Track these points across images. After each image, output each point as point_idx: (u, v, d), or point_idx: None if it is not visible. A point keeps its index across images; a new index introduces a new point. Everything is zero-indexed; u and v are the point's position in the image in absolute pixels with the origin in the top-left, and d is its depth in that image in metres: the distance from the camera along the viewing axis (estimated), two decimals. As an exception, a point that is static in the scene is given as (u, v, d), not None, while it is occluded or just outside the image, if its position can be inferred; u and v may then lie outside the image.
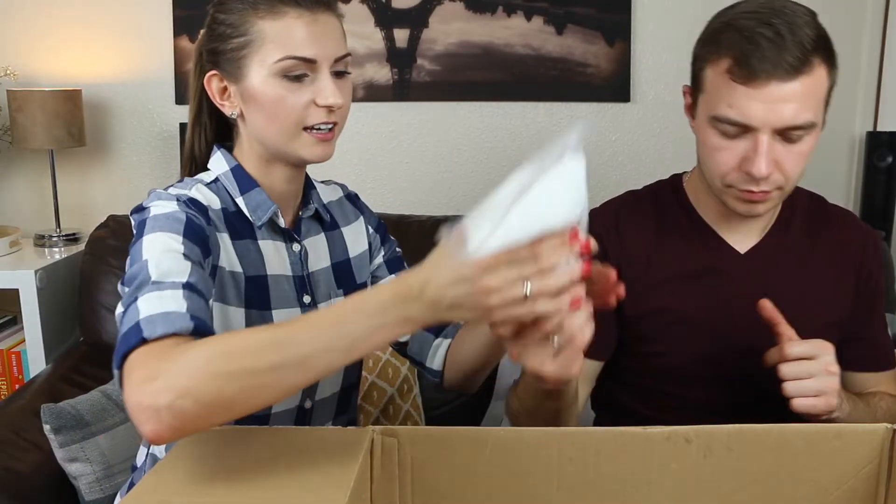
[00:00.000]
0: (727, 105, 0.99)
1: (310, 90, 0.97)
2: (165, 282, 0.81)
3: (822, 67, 0.99)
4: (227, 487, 0.67)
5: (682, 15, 2.12)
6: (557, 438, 0.84)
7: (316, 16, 0.96)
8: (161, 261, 0.84)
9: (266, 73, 0.96)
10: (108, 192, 2.23)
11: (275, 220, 1.04)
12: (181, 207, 0.93)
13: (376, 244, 1.20)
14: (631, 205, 1.20)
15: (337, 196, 1.19)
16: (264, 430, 0.84)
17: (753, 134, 0.99)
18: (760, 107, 0.97)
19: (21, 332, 1.97)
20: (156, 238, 0.88)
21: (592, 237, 0.76)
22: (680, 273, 1.13)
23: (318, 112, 0.98)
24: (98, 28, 2.12)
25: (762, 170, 0.98)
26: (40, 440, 1.42)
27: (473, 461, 0.82)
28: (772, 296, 1.08)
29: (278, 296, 1.03)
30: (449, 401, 1.85)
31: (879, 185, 2.05)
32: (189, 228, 0.90)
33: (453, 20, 2.10)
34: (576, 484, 0.83)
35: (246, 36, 0.96)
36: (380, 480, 0.79)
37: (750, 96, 0.97)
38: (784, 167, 1.00)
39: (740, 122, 0.99)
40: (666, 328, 1.13)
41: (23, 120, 1.96)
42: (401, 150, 2.20)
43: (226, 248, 0.99)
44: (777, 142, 0.99)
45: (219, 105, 1.02)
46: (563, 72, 2.12)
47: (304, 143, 0.99)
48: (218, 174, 1.04)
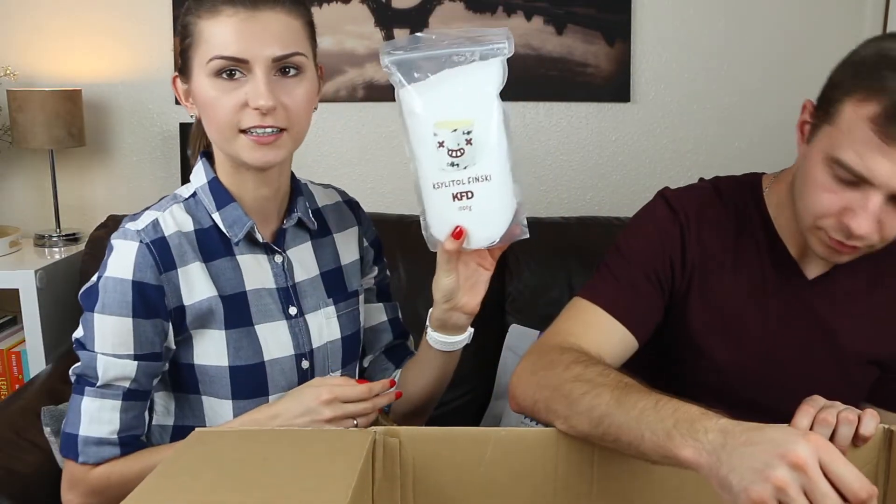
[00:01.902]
0: (855, 153, 0.89)
1: (245, 90, 0.94)
2: (109, 389, 0.98)
3: None
4: (229, 488, 0.67)
5: (682, 15, 2.12)
6: (557, 438, 0.84)
7: (255, 13, 0.93)
8: (108, 366, 0.97)
9: (203, 74, 0.95)
10: (108, 192, 2.23)
11: (253, 234, 1.03)
12: (139, 258, 0.96)
13: (369, 259, 1.19)
14: (714, 201, 1.11)
15: (333, 200, 1.18)
16: (266, 430, 0.84)
17: (868, 189, 0.90)
18: (891, 169, 0.88)
19: (21, 332, 1.97)
20: (106, 325, 0.97)
21: (673, 219, 1.05)
22: (748, 289, 1.08)
23: (252, 115, 0.94)
24: (98, 28, 2.12)
25: (863, 229, 0.91)
26: (41, 440, 1.41)
27: (474, 461, 0.82)
28: (823, 326, 1.07)
29: (260, 310, 1.04)
30: (449, 401, 1.85)
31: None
32: (138, 304, 0.96)
33: (453, 20, 2.10)
34: (576, 484, 0.84)
35: (190, 37, 0.96)
36: (381, 481, 0.80)
37: (885, 154, 0.87)
38: (885, 229, 0.94)
39: (861, 176, 0.90)
40: (723, 343, 1.09)
41: (23, 120, 1.96)
42: (401, 150, 2.19)
43: (195, 280, 1.00)
44: (886, 204, 0.92)
45: (184, 106, 1.02)
46: (563, 72, 2.12)
47: (241, 146, 0.96)
48: (196, 187, 1.04)
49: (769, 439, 0.67)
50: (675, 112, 2.15)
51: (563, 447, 0.84)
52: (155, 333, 0.98)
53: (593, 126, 2.18)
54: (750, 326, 1.08)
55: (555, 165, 2.20)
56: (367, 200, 1.25)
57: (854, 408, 0.84)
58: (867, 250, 0.98)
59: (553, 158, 2.20)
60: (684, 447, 0.72)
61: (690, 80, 2.12)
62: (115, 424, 0.99)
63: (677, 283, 1.08)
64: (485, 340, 1.87)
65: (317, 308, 1.09)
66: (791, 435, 0.66)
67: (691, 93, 2.11)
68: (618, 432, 0.78)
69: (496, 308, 1.90)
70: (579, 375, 0.88)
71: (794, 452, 0.64)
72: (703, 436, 0.71)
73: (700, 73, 2.13)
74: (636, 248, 1.08)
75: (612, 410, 0.80)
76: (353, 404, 0.98)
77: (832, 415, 0.83)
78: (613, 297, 1.05)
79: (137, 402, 1.00)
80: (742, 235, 1.09)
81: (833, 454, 0.65)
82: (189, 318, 1.00)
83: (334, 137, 2.17)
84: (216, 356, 1.01)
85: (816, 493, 0.63)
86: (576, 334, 1.01)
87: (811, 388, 0.96)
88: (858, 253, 0.98)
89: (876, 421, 0.82)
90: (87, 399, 0.99)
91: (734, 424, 0.71)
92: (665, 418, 0.75)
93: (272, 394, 1.04)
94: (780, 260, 1.08)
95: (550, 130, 2.19)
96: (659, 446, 0.74)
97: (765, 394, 1.07)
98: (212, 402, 1.03)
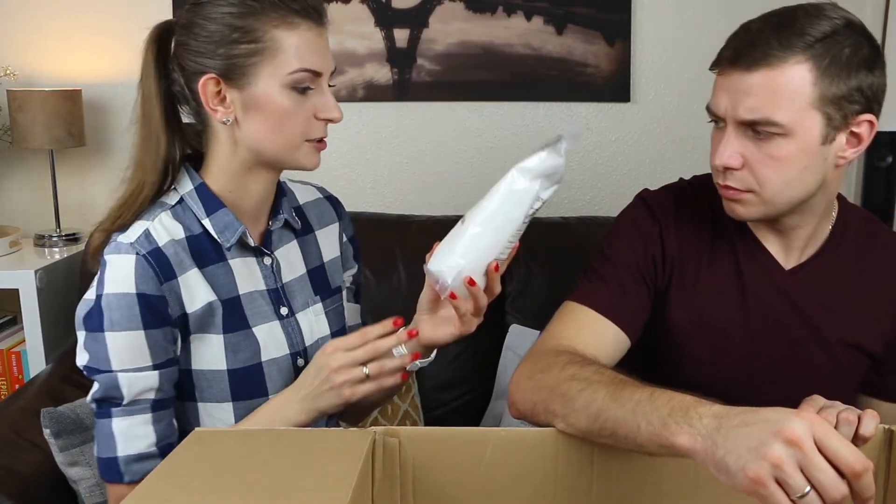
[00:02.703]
0: (712, 96, 1.00)
1: (312, 103, 0.97)
2: (137, 405, 0.96)
3: (804, 68, 0.93)
4: (229, 488, 0.67)
5: (682, 15, 2.12)
6: (557, 438, 0.84)
7: (320, 28, 0.98)
8: (131, 381, 0.95)
9: (276, 83, 0.95)
10: (108, 192, 2.20)
11: (244, 239, 1.03)
12: (139, 269, 0.94)
13: (347, 255, 1.20)
14: (690, 199, 1.14)
15: (314, 197, 1.18)
16: (266, 430, 0.84)
17: (724, 125, 0.99)
18: (724, 97, 0.97)
19: (21, 332, 1.97)
20: (118, 341, 0.94)
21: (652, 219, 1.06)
22: (727, 284, 1.09)
23: (319, 125, 0.99)
24: (98, 28, 2.12)
25: (720, 158, 0.98)
26: (41, 441, 1.42)
27: (474, 461, 0.82)
28: (808, 316, 1.08)
29: (254, 312, 1.04)
30: (449, 401, 1.85)
31: (879, 185, 2.05)
32: (146, 316, 0.94)
33: (453, 20, 2.10)
34: (575, 484, 0.84)
35: (258, 43, 0.94)
36: (381, 481, 0.80)
37: (719, 86, 0.99)
38: (753, 167, 0.97)
39: (714, 113, 0.99)
40: (705, 339, 1.10)
41: (23, 120, 1.96)
42: (401, 150, 2.20)
43: (194, 286, 0.99)
44: (746, 137, 0.97)
45: (209, 110, 0.97)
46: (563, 72, 2.12)
47: (304, 153, 1.00)
48: (182, 194, 1.02)
49: (763, 419, 0.67)
50: (675, 112, 2.15)
51: (562, 447, 0.84)
52: (167, 341, 0.97)
53: (593, 126, 2.18)
54: (731, 322, 1.09)
55: (555, 165, 2.20)
56: (367, 200, 1.25)
57: (854, 408, 0.84)
58: (759, 201, 1.00)
59: (553, 158, 2.20)
60: (679, 434, 0.72)
61: (690, 80, 2.12)
62: (151, 437, 0.97)
63: (659, 281, 1.10)
64: (485, 340, 1.88)
65: (306, 306, 1.10)
66: (785, 413, 0.67)
67: (691, 93, 2.11)
68: (615, 426, 0.79)
69: (496, 308, 1.90)
70: (575, 375, 0.89)
71: (789, 429, 0.65)
72: (698, 421, 0.72)
73: (700, 73, 2.11)
74: (619, 249, 1.10)
75: (608, 405, 0.81)
76: (353, 351, 0.97)
77: (832, 415, 0.83)
78: (602, 297, 1.06)
79: (165, 410, 0.99)
80: (718, 231, 1.11)
81: (827, 430, 0.65)
82: (192, 325, 1.00)
83: (334, 137, 2.15)
84: (214, 360, 1.01)
85: (812, 468, 0.64)
86: (569, 337, 1.02)
87: (801, 380, 0.97)
88: (748, 201, 1.00)
89: (876, 421, 0.82)
90: (116, 420, 0.96)
91: (728, 409, 0.72)
92: (660, 408, 0.76)
93: (271, 394, 1.04)
94: (755, 253, 1.09)
95: (550, 130, 2.19)
96: (655, 435, 0.75)
97: (755, 390, 1.08)
98: (209, 407, 1.03)
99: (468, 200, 0.98)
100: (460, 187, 2.20)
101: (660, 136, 2.17)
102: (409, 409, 1.75)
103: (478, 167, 2.20)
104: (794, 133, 0.95)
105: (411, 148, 2.20)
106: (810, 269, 1.09)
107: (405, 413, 1.74)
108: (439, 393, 1.85)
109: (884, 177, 2.04)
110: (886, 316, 1.10)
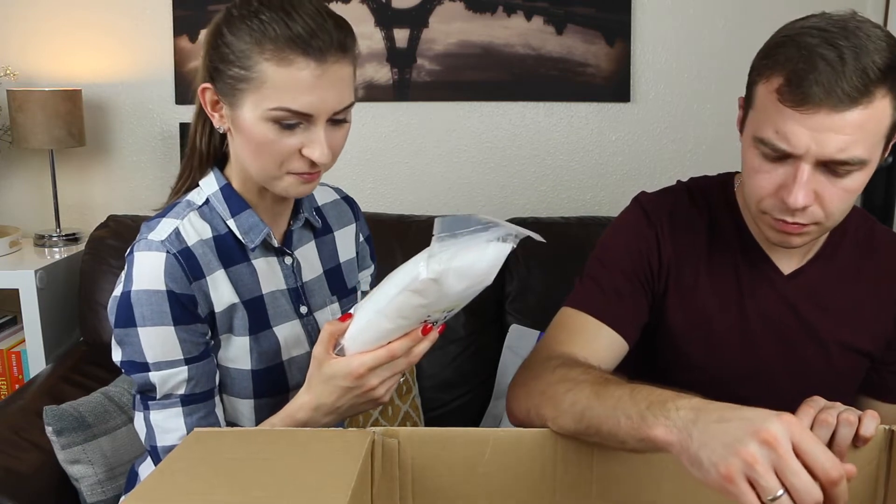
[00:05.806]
0: (773, 129, 0.91)
1: (300, 138, 0.93)
2: (169, 399, 0.97)
3: (887, 100, 0.89)
4: (228, 488, 0.67)
5: (682, 15, 2.12)
6: (556, 438, 0.84)
7: (324, 66, 0.91)
8: (164, 376, 0.96)
9: (258, 115, 0.92)
10: (108, 192, 2.23)
11: (268, 240, 1.04)
12: (168, 268, 0.94)
13: (364, 255, 1.21)
14: (686, 203, 1.12)
15: (332, 198, 1.19)
16: (266, 430, 0.84)
17: (795, 161, 0.91)
18: (806, 134, 0.89)
19: (21, 332, 1.97)
20: (150, 336, 0.94)
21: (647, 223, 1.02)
22: (726, 288, 1.08)
23: (303, 161, 0.94)
24: (98, 28, 2.12)
25: (798, 200, 0.91)
26: (41, 440, 1.42)
27: (473, 461, 0.82)
28: (807, 320, 1.07)
29: (276, 312, 1.04)
30: (449, 401, 1.85)
31: (879, 185, 2.05)
32: (177, 313, 0.95)
33: (453, 20, 2.10)
34: (575, 484, 0.84)
35: (247, 71, 0.91)
36: (380, 481, 0.80)
37: (797, 121, 0.89)
38: (825, 202, 0.93)
39: (782, 149, 0.91)
40: (704, 343, 1.09)
41: (23, 120, 1.96)
42: (401, 150, 2.20)
43: (221, 286, 0.99)
44: (820, 173, 0.92)
45: (209, 115, 0.98)
46: (563, 72, 2.12)
47: (288, 183, 0.96)
48: (209, 194, 1.02)
49: (742, 417, 0.67)
50: (675, 112, 2.15)
51: (561, 447, 0.84)
52: (198, 334, 0.97)
53: (593, 126, 2.18)
54: (729, 325, 1.08)
55: (555, 165, 2.20)
56: (367, 200, 1.26)
57: (854, 409, 0.84)
58: (819, 230, 0.97)
59: (553, 158, 2.20)
60: (656, 426, 0.72)
61: (690, 80, 2.12)
62: (181, 430, 0.97)
63: (656, 285, 1.09)
64: (485, 340, 1.88)
65: (323, 305, 1.11)
66: (765, 413, 0.66)
67: (691, 93, 2.11)
68: (598, 424, 0.79)
69: (496, 308, 1.90)
70: (563, 376, 0.89)
71: (766, 429, 0.64)
72: (675, 413, 0.71)
73: (700, 73, 2.13)
74: (615, 253, 1.10)
75: (591, 403, 0.81)
76: (384, 367, 0.89)
77: (832, 416, 0.83)
78: (598, 302, 1.06)
79: (199, 403, 0.99)
80: (715, 235, 1.10)
81: (805, 434, 0.65)
82: (219, 324, 1.00)
83: (334, 137, 2.17)
84: (238, 360, 1.02)
85: (786, 471, 0.63)
86: (563, 342, 1.02)
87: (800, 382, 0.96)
88: (810, 233, 0.97)
89: (876, 422, 0.82)
90: (153, 413, 0.98)
91: (707, 403, 0.71)
92: (639, 402, 0.76)
93: (291, 390, 1.05)
94: (753, 257, 1.09)
95: (550, 130, 2.19)
96: (634, 429, 0.75)
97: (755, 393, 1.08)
98: (232, 400, 1.04)
99: (468, 200, 0.97)
100: (460, 187, 2.20)
101: (660, 136, 2.17)
102: (409, 410, 1.75)
103: (478, 167, 2.20)
104: (869, 164, 0.92)
105: (411, 148, 2.20)
106: (809, 273, 1.08)
107: (405, 414, 1.74)
108: (439, 393, 1.85)
109: (884, 177, 2.04)
110: (886, 315, 1.10)
